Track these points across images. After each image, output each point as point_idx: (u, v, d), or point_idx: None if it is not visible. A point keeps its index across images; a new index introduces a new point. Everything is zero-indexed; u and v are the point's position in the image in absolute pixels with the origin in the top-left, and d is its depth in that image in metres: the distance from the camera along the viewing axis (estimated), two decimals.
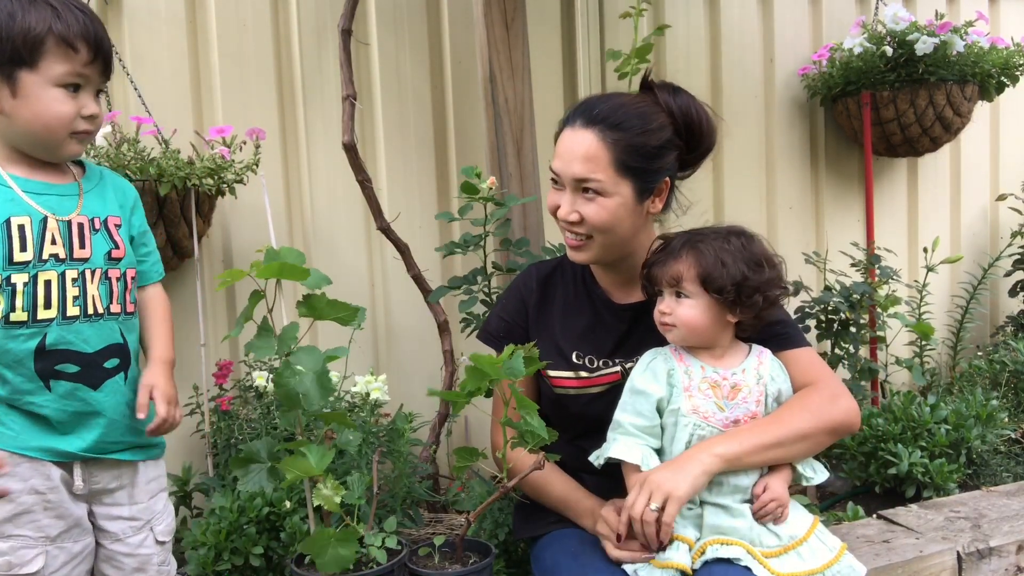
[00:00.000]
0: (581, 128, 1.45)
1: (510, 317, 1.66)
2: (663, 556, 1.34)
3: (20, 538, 1.25)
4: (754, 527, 1.37)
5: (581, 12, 2.81)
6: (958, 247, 3.44)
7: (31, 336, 1.25)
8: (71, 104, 1.25)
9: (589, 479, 1.57)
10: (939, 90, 2.85)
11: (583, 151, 1.43)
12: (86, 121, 1.28)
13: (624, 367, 1.54)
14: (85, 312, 1.29)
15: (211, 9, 2.38)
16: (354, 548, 1.37)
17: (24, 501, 1.25)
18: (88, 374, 1.29)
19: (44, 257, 1.25)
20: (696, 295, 1.42)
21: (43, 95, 1.23)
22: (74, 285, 1.28)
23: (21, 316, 1.23)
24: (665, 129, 1.48)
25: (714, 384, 1.43)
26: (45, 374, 1.25)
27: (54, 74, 1.23)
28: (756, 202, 3.12)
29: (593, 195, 1.44)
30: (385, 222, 2.31)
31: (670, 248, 1.46)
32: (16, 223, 1.24)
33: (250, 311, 1.38)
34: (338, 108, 2.39)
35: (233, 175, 2.14)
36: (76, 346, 1.28)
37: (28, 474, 1.25)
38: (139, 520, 1.38)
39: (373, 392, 2.12)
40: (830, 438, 1.48)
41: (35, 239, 1.25)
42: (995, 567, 1.86)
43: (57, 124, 1.25)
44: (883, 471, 2.31)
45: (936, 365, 3.16)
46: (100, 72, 1.28)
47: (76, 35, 1.22)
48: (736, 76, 3.06)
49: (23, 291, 1.23)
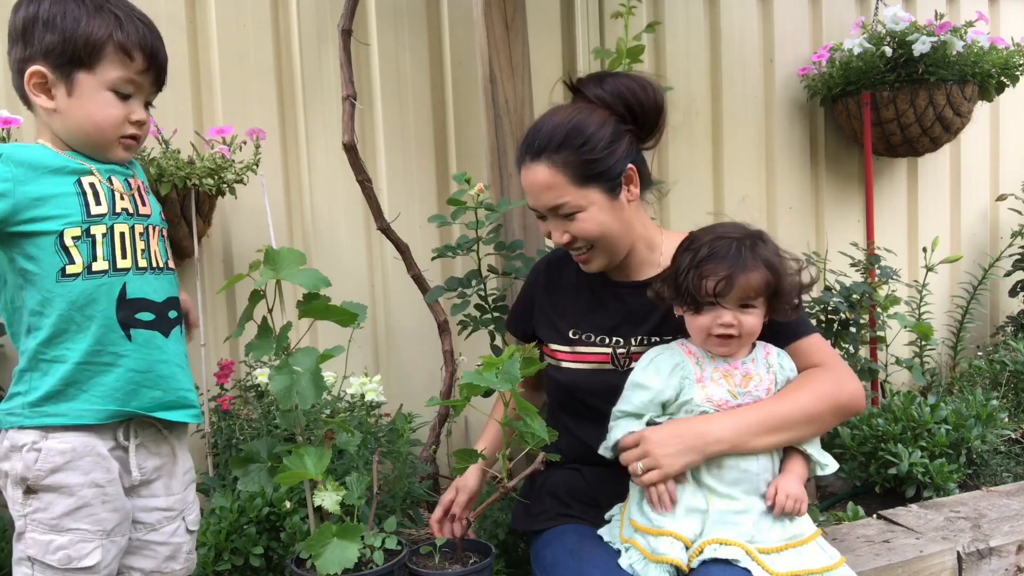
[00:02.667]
0: (532, 163, 1.50)
1: (521, 305, 1.77)
2: (658, 551, 1.33)
3: (79, 532, 1.27)
4: (758, 521, 1.36)
5: (581, 12, 2.81)
6: (958, 247, 3.44)
7: (113, 285, 1.30)
8: (121, 108, 1.32)
9: (587, 471, 1.60)
10: (939, 90, 2.85)
11: (541, 183, 1.49)
12: (134, 126, 1.34)
13: (616, 350, 1.56)
14: (151, 264, 1.35)
15: (211, 9, 2.38)
16: (357, 545, 1.37)
17: (84, 495, 1.27)
18: (160, 323, 1.35)
19: (117, 211, 1.32)
20: (761, 305, 1.41)
21: (97, 96, 1.29)
22: (141, 239, 1.34)
23: (103, 265, 1.29)
24: (606, 124, 1.48)
25: (726, 373, 1.43)
26: (127, 323, 1.30)
27: (109, 78, 1.29)
28: (756, 202, 3.12)
29: (571, 214, 1.49)
30: (385, 222, 2.31)
31: (720, 255, 1.40)
32: (87, 181, 1.30)
33: (250, 311, 1.39)
34: (338, 108, 2.39)
35: (233, 175, 2.14)
36: (150, 295, 1.34)
37: (89, 467, 1.27)
38: (174, 510, 1.41)
39: (368, 393, 2.12)
40: (836, 418, 1.48)
41: (107, 194, 1.31)
42: (995, 567, 1.86)
43: (107, 125, 1.31)
44: (883, 471, 2.31)
45: (936, 365, 3.17)
46: (152, 82, 1.36)
47: (134, 44, 1.30)
48: (736, 76, 3.06)
49: (102, 241, 1.29)
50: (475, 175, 2.53)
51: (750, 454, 1.39)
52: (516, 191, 2.31)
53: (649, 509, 1.40)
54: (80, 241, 1.27)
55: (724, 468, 1.39)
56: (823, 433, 1.49)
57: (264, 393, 2.16)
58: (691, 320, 1.44)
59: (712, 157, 3.06)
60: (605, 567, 1.38)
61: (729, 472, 1.39)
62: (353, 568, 1.37)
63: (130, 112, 1.33)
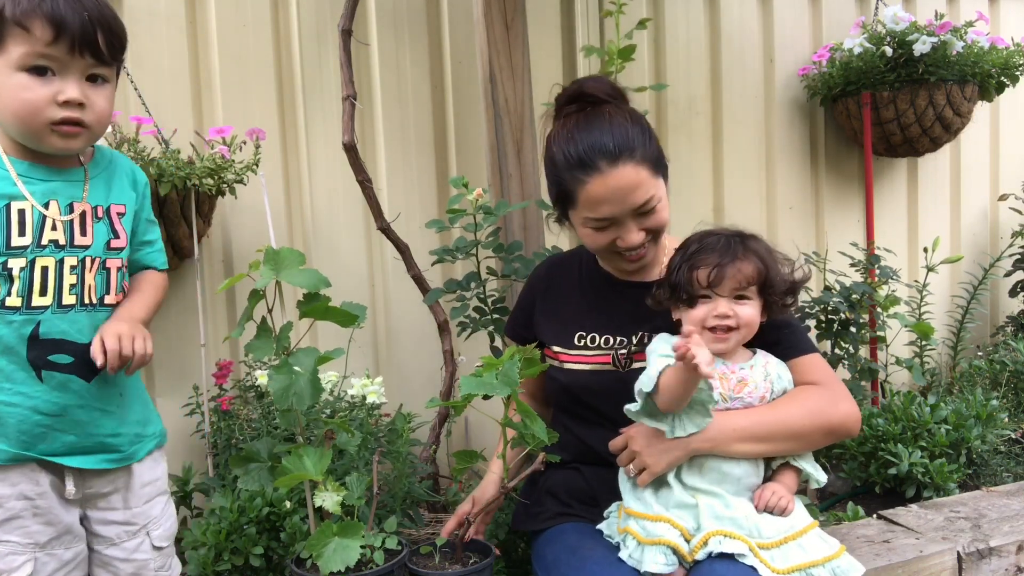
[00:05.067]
0: (613, 167, 1.43)
1: (520, 312, 1.75)
2: (653, 535, 1.33)
3: (8, 544, 1.22)
4: (750, 516, 1.36)
5: (581, 13, 2.81)
6: (958, 247, 3.44)
7: (24, 323, 1.20)
8: (40, 89, 1.17)
9: (586, 470, 1.60)
10: (939, 90, 2.85)
11: (631, 183, 1.44)
12: (65, 108, 1.18)
13: (617, 351, 1.56)
14: (81, 301, 1.24)
15: (211, 9, 2.38)
16: (358, 543, 1.36)
17: (12, 507, 1.22)
18: (79, 366, 1.24)
19: (43, 243, 1.21)
20: (754, 296, 1.42)
21: (9, 81, 1.16)
22: (72, 273, 1.23)
23: (15, 302, 1.19)
24: (637, 114, 1.52)
25: (722, 376, 1.43)
26: (38, 364, 1.21)
27: (13, 58, 1.15)
28: (756, 202, 3.12)
29: (652, 208, 1.47)
30: (385, 222, 2.31)
31: (717, 250, 1.42)
32: (16, 207, 1.20)
33: (250, 311, 1.38)
34: (338, 108, 2.39)
35: (233, 175, 2.14)
36: (72, 336, 1.23)
37: (16, 479, 1.22)
38: (134, 525, 1.34)
39: (370, 395, 2.12)
40: (826, 439, 1.47)
41: (35, 224, 1.21)
42: (995, 567, 1.86)
43: (25, 112, 1.17)
44: (883, 471, 2.31)
45: (936, 365, 3.17)
46: (75, 53, 1.17)
47: (30, 14, 1.14)
48: (736, 76, 3.06)
49: (19, 276, 1.19)
50: (475, 175, 2.54)
51: (731, 458, 1.40)
52: (516, 191, 2.31)
53: (646, 496, 1.40)
54: None
55: (705, 469, 1.40)
56: (810, 451, 1.48)
57: (264, 393, 2.16)
58: (687, 316, 1.44)
59: (712, 157, 3.05)
60: (606, 563, 1.39)
61: (710, 473, 1.40)
62: (353, 568, 1.37)
63: (55, 92, 1.17)
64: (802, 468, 1.45)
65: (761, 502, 1.39)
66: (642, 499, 1.41)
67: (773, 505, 1.38)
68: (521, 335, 1.72)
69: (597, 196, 1.44)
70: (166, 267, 1.49)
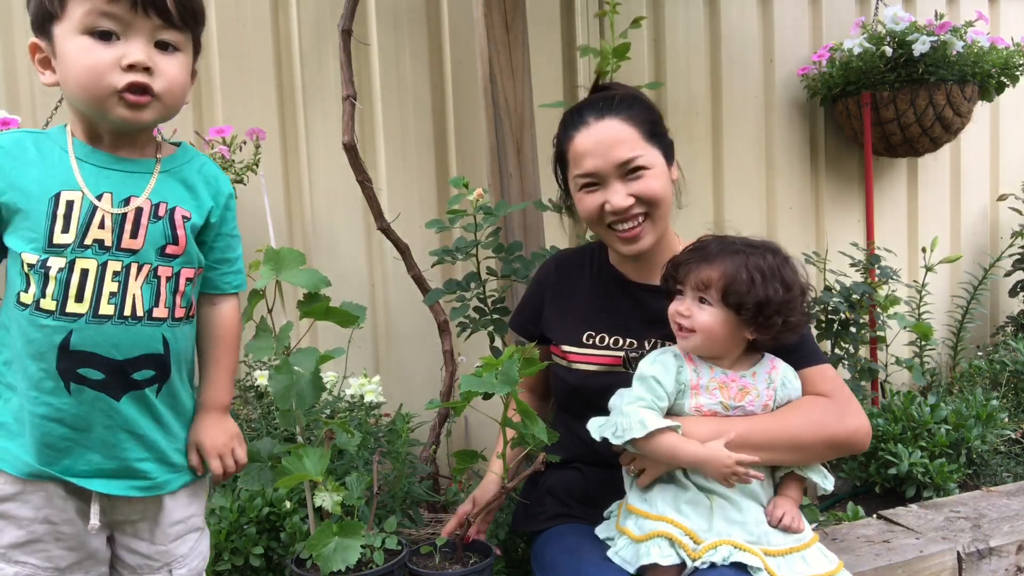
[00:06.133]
0: (599, 119, 1.47)
1: (528, 307, 1.73)
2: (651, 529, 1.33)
3: (28, 565, 1.16)
4: (760, 522, 1.36)
5: (580, 13, 2.81)
6: (958, 247, 3.44)
7: (56, 330, 1.10)
8: (102, 52, 1.06)
9: (587, 470, 1.59)
10: (939, 90, 2.85)
11: (613, 136, 1.46)
12: (129, 72, 1.06)
13: (628, 353, 1.55)
14: (120, 312, 1.12)
15: (211, 9, 2.38)
16: (358, 542, 1.36)
17: (35, 530, 1.15)
18: (111, 384, 1.13)
19: (87, 242, 1.10)
20: (717, 304, 1.39)
21: (70, 45, 1.06)
22: (114, 280, 1.11)
23: (50, 305, 1.09)
24: (641, 93, 1.57)
25: (722, 384, 1.41)
26: (67, 375, 1.11)
27: (76, 18, 1.05)
28: (756, 202, 3.12)
29: (639, 172, 1.46)
30: (385, 222, 2.31)
31: (706, 251, 1.42)
32: (64, 199, 1.09)
33: (250, 311, 1.38)
34: (338, 108, 2.38)
35: (233, 175, 2.14)
36: (103, 351, 1.11)
37: (40, 503, 1.15)
38: (156, 561, 1.25)
39: (367, 395, 2.12)
40: (830, 452, 1.44)
41: (81, 219, 1.09)
42: (995, 567, 1.86)
43: (87, 78, 1.06)
44: (883, 471, 2.31)
45: (936, 365, 3.17)
46: (138, 11, 1.06)
47: None
48: (736, 76, 3.06)
49: (56, 277, 1.09)
50: (475, 175, 2.54)
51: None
52: (516, 191, 2.31)
53: (652, 494, 1.39)
54: (35, 271, 1.09)
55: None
56: (814, 463, 1.44)
57: (264, 393, 2.15)
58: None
59: (712, 157, 3.05)
60: (604, 565, 1.38)
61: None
62: (353, 568, 1.37)
63: (119, 56, 1.06)
64: (808, 478, 1.44)
65: (774, 520, 1.38)
66: (646, 498, 1.41)
67: (787, 526, 1.37)
68: (528, 330, 1.70)
69: (583, 148, 1.48)
70: (243, 288, 1.34)
